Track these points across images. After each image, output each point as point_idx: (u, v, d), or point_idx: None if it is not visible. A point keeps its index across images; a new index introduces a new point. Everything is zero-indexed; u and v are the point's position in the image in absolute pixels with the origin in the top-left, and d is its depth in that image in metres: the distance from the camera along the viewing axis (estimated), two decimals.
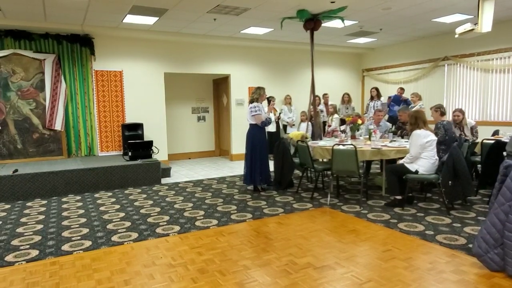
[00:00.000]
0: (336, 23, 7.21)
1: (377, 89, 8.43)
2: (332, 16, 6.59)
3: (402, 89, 8.52)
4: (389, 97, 8.65)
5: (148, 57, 8.00)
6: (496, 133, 6.28)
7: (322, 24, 6.86)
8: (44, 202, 5.40)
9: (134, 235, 3.89)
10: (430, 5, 6.20)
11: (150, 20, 6.76)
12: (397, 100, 8.29)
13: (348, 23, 7.23)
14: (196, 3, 5.83)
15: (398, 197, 4.70)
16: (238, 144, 8.87)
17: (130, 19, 6.62)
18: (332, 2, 5.87)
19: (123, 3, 5.74)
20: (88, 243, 3.67)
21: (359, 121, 5.75)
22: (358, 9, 6.37)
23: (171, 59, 8.26)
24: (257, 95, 5.62)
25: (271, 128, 8.61)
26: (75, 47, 7.27)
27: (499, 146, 4.63)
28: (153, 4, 5.80)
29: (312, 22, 6.61)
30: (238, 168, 7.81)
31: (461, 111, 6.14)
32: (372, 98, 8.44)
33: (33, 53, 6.91)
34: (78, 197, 5.64)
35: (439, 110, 5.48)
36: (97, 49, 7.45)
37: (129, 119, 7.81)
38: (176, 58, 8.32)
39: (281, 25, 6.94)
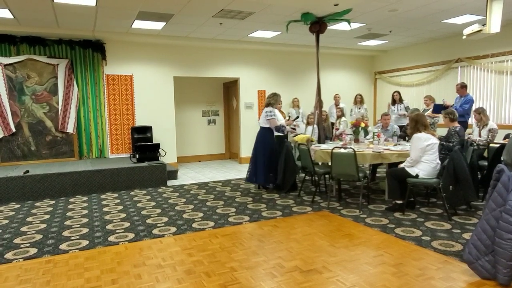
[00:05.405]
0: (343, 26, 7.16)
1: (399, 93, 8.25)
2: (337, 19, 6.55)
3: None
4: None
5: (157, 61, 8.15)
6: (507, 136, 6.07)
7: (329, 27, 6.82)
8: (52, 202, 5.58)
9: (131, 235, 3.97)
10: (438, 6, 6.07)
11: (158, 25, 6.90)
12: (437, 108, 6.96)
13: (355, 25, 7.18)
14: (201, 8, 5.91)
15: (399, 202, 4.62)
16: (247, 147, 8.90)
17: (139, 24, 6.77)
18: (335, 5, 5.84)
19: (130, 9, 5.88)
20: (85, 243, 3.77)
21: (362, 124, 5.68)
22: (364, 12, 6.31)
23: (180, 63, 8.38)
24: (273, 100, 5.89)
25: None
26: (87, 52, 7.49)
27: None
28: (158, 9, 5.92)
29: (317, 25, 6.58)
30: (245, 171, 7.76)
31: (477, 111, 6.11)
32: (394, 102, 8.23)
33: (47, 58, 7.16)
34: (85, 198, 5.79)
35: (448, 116, 5.33)
36: (109, 54, 7.66)
37: (138, 122, 7.97)
38: (186, 62, 8.44)
39: (287, 28, 6.95)
